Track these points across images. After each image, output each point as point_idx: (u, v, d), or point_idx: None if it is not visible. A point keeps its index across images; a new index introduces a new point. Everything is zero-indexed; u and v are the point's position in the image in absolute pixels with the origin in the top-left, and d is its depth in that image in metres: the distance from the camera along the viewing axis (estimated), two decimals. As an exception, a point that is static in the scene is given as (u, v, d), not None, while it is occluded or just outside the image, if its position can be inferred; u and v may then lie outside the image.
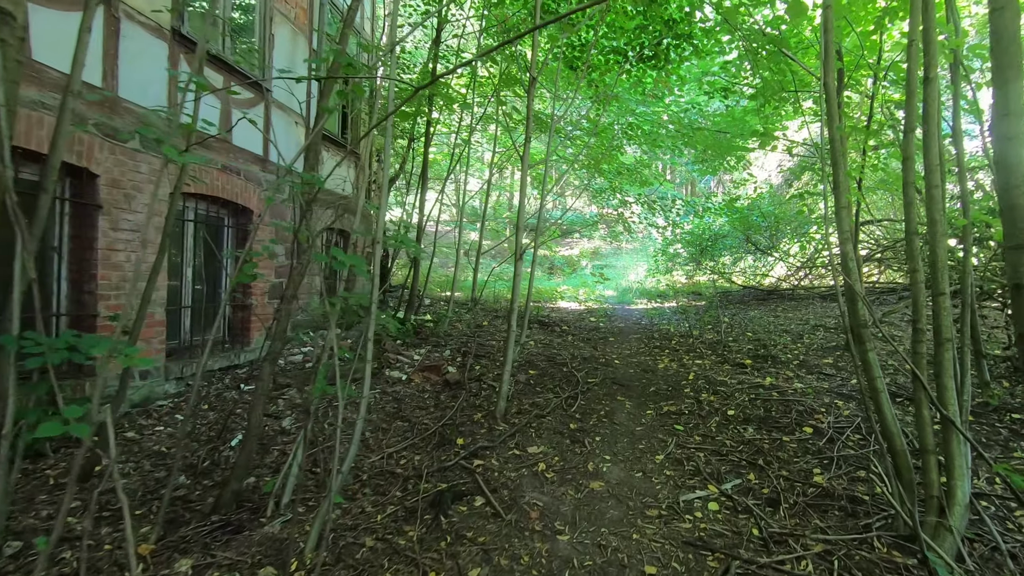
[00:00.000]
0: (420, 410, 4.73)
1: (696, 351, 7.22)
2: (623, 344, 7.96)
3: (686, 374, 5.96)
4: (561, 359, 6.50)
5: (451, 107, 9.05)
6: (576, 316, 10.45)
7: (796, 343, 7.40)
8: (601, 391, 5.35)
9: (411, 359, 6.24)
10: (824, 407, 4.74)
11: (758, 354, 6.78)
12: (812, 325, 8.36)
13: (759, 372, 6.03)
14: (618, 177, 8.60)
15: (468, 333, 7.92)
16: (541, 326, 9.21)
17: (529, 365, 6.18)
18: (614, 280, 14.56)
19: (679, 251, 12.10)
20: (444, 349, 6.83)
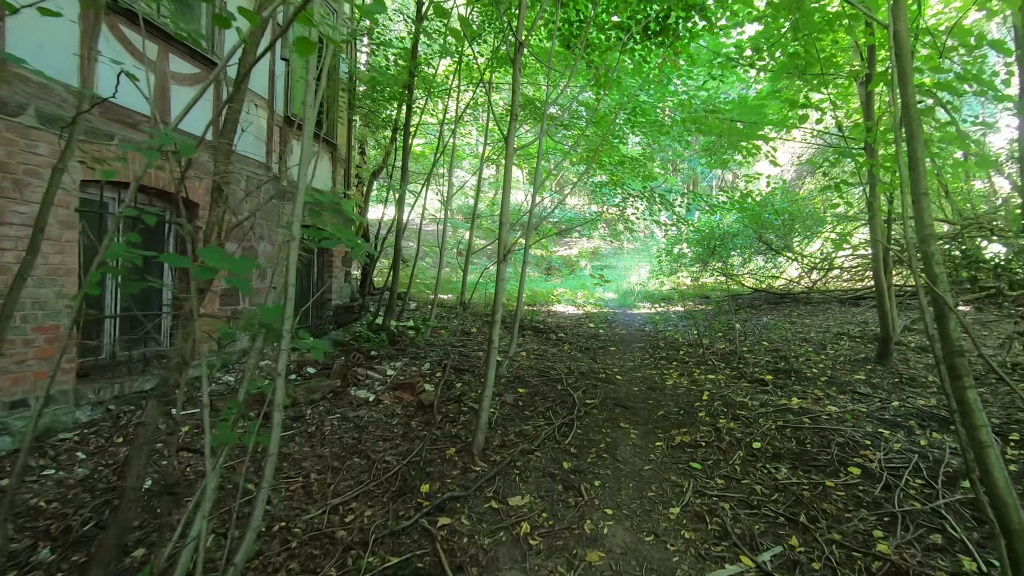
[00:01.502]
0: (384, 442, 3.94)
1: (708, 364, 6.43)
2: (625, 354, 7.17)
3: (699, 393, 5.18)
4: (556, 374, 5.72)
5: (435, 93, 8.26)
6: (574, 321, 9.66)
7: (819, 354, 6.61)
8: (601, 415, 4.57)
9: (383, 375, 5.45)
10: (868, 439, 3.95)
11: (779, 368, 5.99)
12: (834, 333, 7.57)
13: (782, 391, 5.25)
14: (619, 168, 7.81)
15: (452, 342, 7.12)
16: (535, 333, 8.42)
17: (519, 382, 5.39)
18: (615, 282, 13.78)
19: (684, 251, 11.32)
20: (423, 362, 6.04)
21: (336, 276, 8.28)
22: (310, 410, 4.45)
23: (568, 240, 22.13)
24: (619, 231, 18.38)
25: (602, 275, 9.41)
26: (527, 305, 10.88)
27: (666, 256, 12.06)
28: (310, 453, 3.70)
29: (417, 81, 8.23)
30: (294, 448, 3.75)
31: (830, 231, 11.48)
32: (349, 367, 5.45)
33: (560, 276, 17.40)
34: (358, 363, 5.62)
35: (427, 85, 8.40)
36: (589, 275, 10.45)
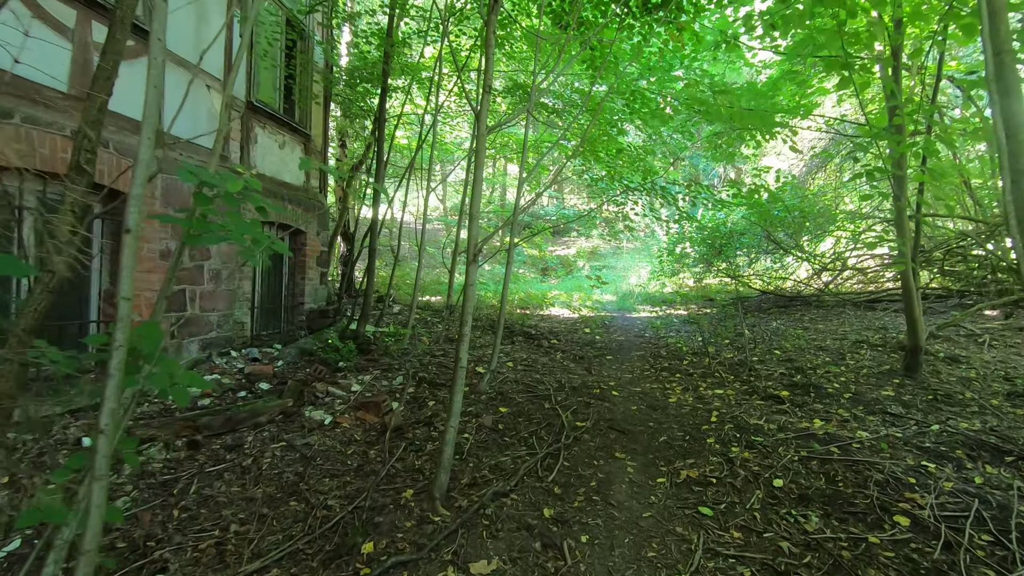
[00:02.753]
0: (332, 479, 3.29)
1: (715, 376, 5.78)
2: (623, 364, 6.51)
3: (707, 413, 4.52)
4: (544, 389, 5.06)
5: (419, 80, 7.62)
6: (569, 326, 9.01)
7: (838, 365, 5.95)
8: (594, 441, 3.91)
9: (347, 391, 4.80)
10: (912, 474, 3.30)
11: (795, 382, 5.34)
12: (852, 341, 6.92)
13: (802, 410, 4.59)
14: (616, 159, 7.16)
15: (433, 351, 6.47)
16: (526, 339, 7.77)
17: (501, 399, 4.74)
18: (613, 283, 13.13)
19: (687, 251, 10.65)
20: (396, 374, 5.39)
21: (310, 277, 7.63)
22: (252, 436, 3.80)
23: (566, 239, 21.48)
24: (618, 230, 17.72)
25: (599, 277, 8.75)
26: (519, 308, 10.23)
27: (667, 256, 11.41)
28: (238, 495, 3.05)
29: (397, 68, 7.60)
30: (220, 488, 3.10)
31: (841, 228, 10.82)
32: (308, 382, 4.80)
33: (557, 277, 16.75)
34: (320, 377, 4.97)
35: (411, 72, 7.76)
36: (586, 276, 9.80)
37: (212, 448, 3.59)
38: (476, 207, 3.20)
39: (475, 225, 3.19)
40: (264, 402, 4.16)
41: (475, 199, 3.20)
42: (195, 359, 5.17)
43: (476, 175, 3.20)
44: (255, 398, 4.51)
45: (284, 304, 7.43)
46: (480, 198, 3.21)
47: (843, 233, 10.31)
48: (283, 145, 6.99)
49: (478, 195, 3.20)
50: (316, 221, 7.75)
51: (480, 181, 3.20)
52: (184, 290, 5.04)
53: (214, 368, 5.13)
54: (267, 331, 7.04)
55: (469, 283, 3.18)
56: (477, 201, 3.20)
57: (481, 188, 3.23)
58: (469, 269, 3.18)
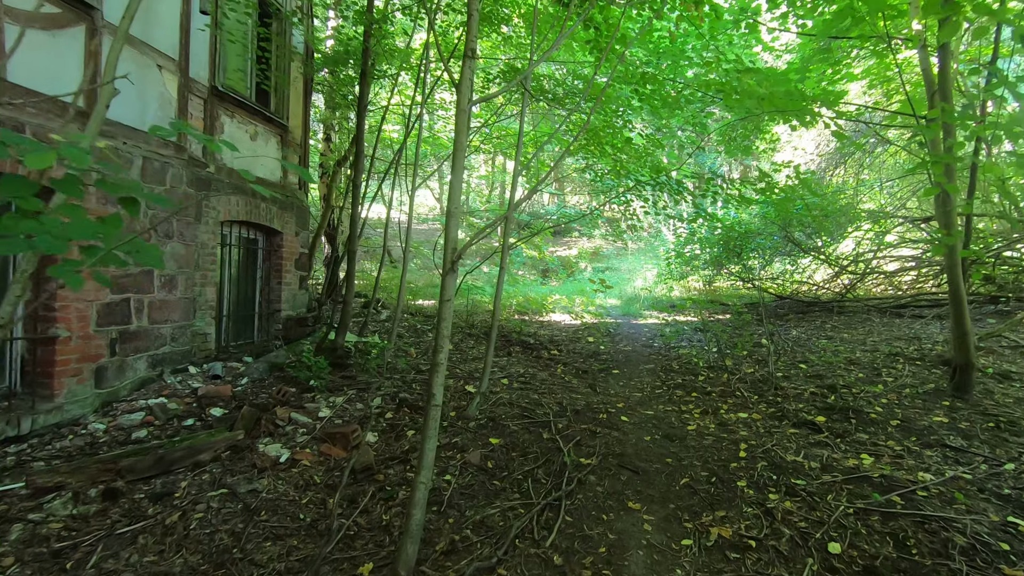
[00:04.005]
0: (275, 542, 2.63)
1: (736, 395, 5.11)
2: (631, 380, 5.85)
3: (733, 445, 3.86)
4: (542, 414, 4.39)
5: (409, 68, 6.96)
6: (570, 335, 8.34)
7: (875, 381, 5.28)
8: (601, 485, 3.25)
9: (314, 417, 4.13)
10: (1002, 535, 2.63)
11: (830, 404, 4.67)
12: (886, 353, 6.24)
13: (844, 441, 3.92)
14: (623, 151, 6.48)
15: (421, 363, 5.81)
16: (524, 350, 7.10)
17: (492, 427, 4.07)
18: (617, 287, 12.46)
19: (697, 252, 9.97)
20: (375, 395, 4.73)
21: (287, 282, 6.97)
22: (188, 480, 3.14)
23: (567, 239, 20.79)
24: (622, 230, 17.02)
25: (603, 280, 8.07)
26: (518, 314, 9.57)
27: (676, 259, 10.74)
28: (151, 568, 2.39)
29: (383, 55, 6.94)
30: (129, 559, 2.44)
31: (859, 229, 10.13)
32: (268, 407, 4.14)
33: (558, 279, 16.08)
34: (283, 400, 4.31)
35: (399, 58, 7.09)
36: (589, 279, 9.13)
37: (134, 498, 2.93)
38: (455, 201, 2.53)
39: (453, 224, 2.52)
40: (209, 435, 3.49)
41: (454, 192, 2.53)
42: (142, 378, 4.51)
43: (455, 162, 2.53)
44: (204, 427, 3.85)
45: (259, 312, 6.77)
46: (460, 191, 2.54)
47: (861, 233, 9.64)
48: (255, 136, 6.33)
49: (457, 187, 2.54)
50: (294, 220, 7.09)
51: (460, 169, 2.53)
52: (128, 299, 4.37)
53: (163, 389, 4.46)
54: (238, 342, 6.39)
55: (444, 298, 2.51)
56: (456, 194, 2.53)
57: (461, 178, 2.57)
58: (445, 281, 2.52)
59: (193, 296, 5.20)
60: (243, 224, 6.37)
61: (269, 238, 6.88)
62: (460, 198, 2.53)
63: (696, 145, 6.84)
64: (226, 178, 5.76)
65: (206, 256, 5.44)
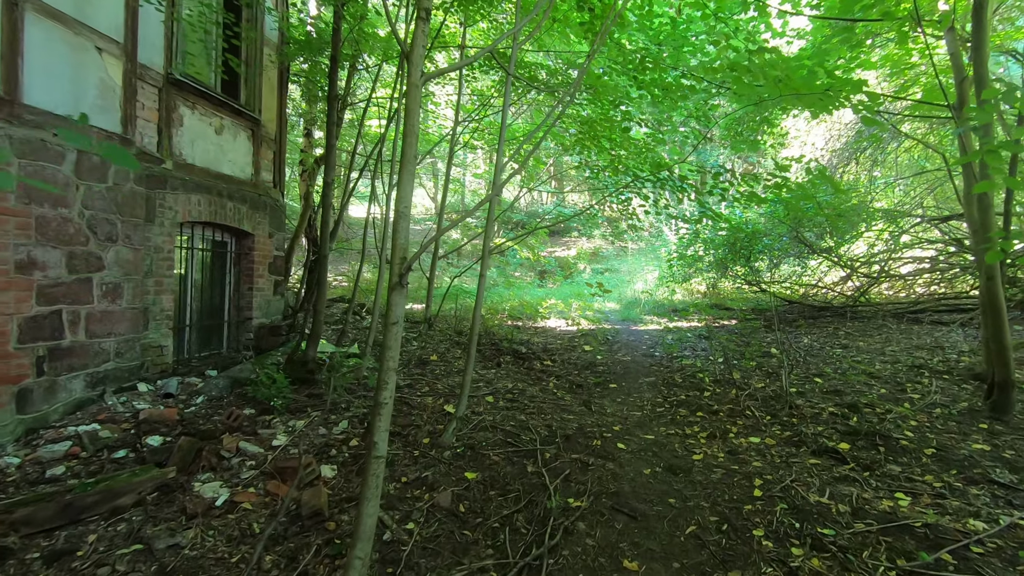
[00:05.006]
0: (184, 621, 2.12)
1: (746, 415, 4.60)
2: (630, 396, 5.34)
3: (745, 480, 3.34)
4: (528, 440, 3.89)
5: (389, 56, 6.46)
6: (566, 342, 7.83)
7: (899, 399, 4.77)
8: (593, 536, 2.74)
9: (267, 446, 3.62)
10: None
11: (852, 427, 4.15)
12: (908, 365, 5.72)
13: (874, 475, 3.41)
14: (622, 146, 5.99)
15: (399, 378, 5.30)
16: (515, 360, 6.59)
17: (470, 457, 3.56)
18: (616, 289, 11.95)
19: (701, 253, 9.45)
20: (341, 417, 4.22)
21: (260, 287, 6.47)
22: (99, 532, 2.63)
23: (565, 239, 20.26)
24: (621, 230, 16.47)
25: (600, 284, 7.58)
26: (510, 320, 9.05)
27: (678, 260, 10.22)
28: (18, 663, 1.89)
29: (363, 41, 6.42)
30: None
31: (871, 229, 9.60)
32: (215, 434, 3.64)
33: (555, 281, 15.55)
34: (234, 425, 3.80)
35: (380, 47, 6.58)
36: (586, 283, 8.63)
37: (25, 559, 2.42)
38: (405, 199, 2.02)
39: (403, 228, 2.02)
40: (132, 475, 2.98)
41: (403, 185, 2.02)
42: (78, 400, 4.00)
43: (406, 149, 2.03)
44: (137, 460, 3.34)
45: (228, 320, 6.27)
46: (411, 183, 2.03)
47: (875, 234, 9.11)
48: (221, 130, 5.82)
49: (408, 182, 2.03)
50: (268, 221, 6.59)
51: (411, 160, 2.02)
52: (60, 312, 3.87)
53: (100, 412, 3.96)
54: (203, 353, 5.89)
55: (390, 320, 2.00)
56: (407, 188, 2.03)
57: (413, 171, 2.06)
58: (391, 298, 2.00)
59: (144, 306, 4.70)
60: (209, 225, 5.87)
61: (239, 240, 6.38)
62: (410, 192, 2.01)
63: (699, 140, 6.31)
64: (186, 175, 5.26)
65: (161, 261, 4.94)
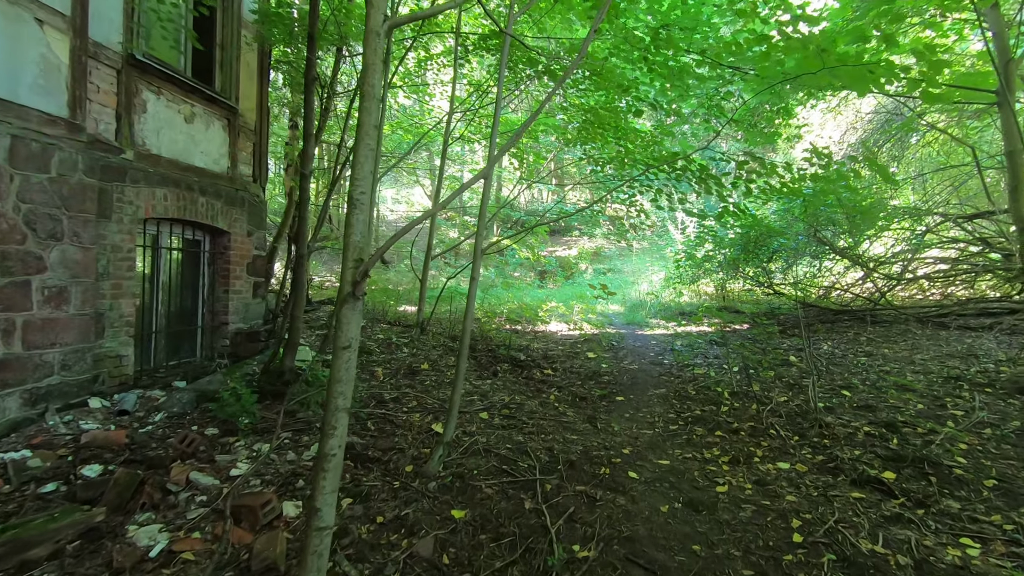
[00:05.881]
0: None
1: (771, 434, 4.11)
2: (639, 410, 4.85)
3: (780, 520, 2.85)
4: (526, 467, 3.40)
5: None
6: (567, 348, 7.34)
7: (940, 415, 4.27)
8: (603, 597, 2.25)
9: (224, 477, 3.13)
10: None
11: (893, 450, 3.66)
12: (943, 376, 5.23)
13: (929, 512, 2.92)
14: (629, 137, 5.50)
15: (385, 389, 4.82)
16: (514, 368, 6.11)
17: (459, 490, 3.07)
18: (621, 291, 11.46)
19: (711, 253, 8.94)
20: (316, 438, 3.72)
21: (237, 289, 5.98)
22: (-2, 596, 2.14)
23: (567, 239, 19.75)
24: (625, 229, 15.97)
25: (604, 286, 7.08)
26: (509, 324, 8.56)
27: (686, 260, 9.73)
28: None
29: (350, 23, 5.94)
30: None
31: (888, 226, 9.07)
32: (165, 462, 3.14)
33: (556, 282, 15.05)
34: (188, 450, 3.30)
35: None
36: (589, 285, 8.14)
37: None
38: (363, 179, 1.53)
39: (360, 219, 1.52)
40: (49, 519, 2.49)
41: (359, 164, 1.53)
42: (13, 420, 3.51)
43: (362, 116, 1.54)
44: (67, 496, 2.85)
45: (202, 325, 5.79)
46: (370, 161, 1.54)
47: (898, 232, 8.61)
48: (192, 118, 5.33)
49: (365, 156, 1.53)
50: (246, 218, 6.10)
51: (368, 129, 1.53)
52: (-12, 320, 3.38)
53: (38, 435, 3.47)
54: (173, 362, 5.41)
55: (340, 344, 1.50)
56: (364, 168, 1.53)
57: (371, 145, 1.56)
58: (341, 313, 1.51)
59: (97, 311, 4.21)
60: (180, 223, 5.39)
61: (214, 239, 5.89)
62: (369, 174, 1.52)
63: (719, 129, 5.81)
64: (150, 167, 4.77)
65: (119, 261, 4.45)
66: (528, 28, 7.25)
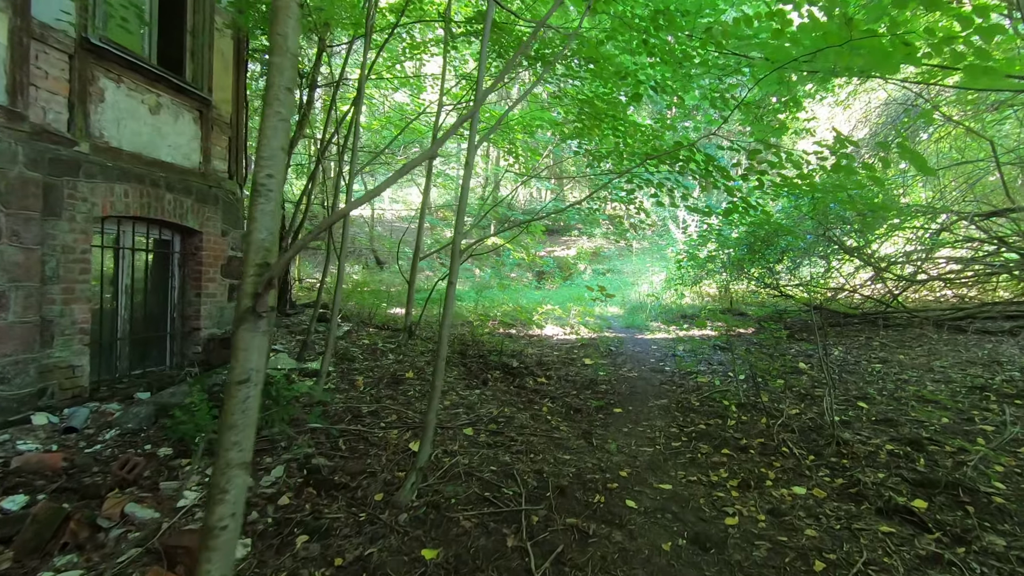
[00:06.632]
0: None
1: (783, 452, 3.73)
2: (639, 424, 4.48)
3: (801, 561, 2.48)
4: (513, 493, 3.03)
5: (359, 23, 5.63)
6: (563, 354, 6.97)
7: (967, 431, 3.90)
8: (594, 666, 1.87)
9: (167, 508, 2.76)
10: None
11: (921, 473, 3.29)
12: (967, 385, 4.85)
13: (970, 550, 2.54)
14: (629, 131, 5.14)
15: (364, 401, 4.45)
16: (505, 376, 5.74)
17: (433, 523, 2.70)
18: (620, 293, 11.09)
19: (714, 253, 8.57)
20: (278, 460, 3.36)
21: (210, 292, 5.62)
22: None
23: (565, 238, 19.37)
24: (624, 228, 15.57)
25: (602, 287, 6.73)
26: (503, 328, 8.19)
27: (688, 261, 9.36)
28: None
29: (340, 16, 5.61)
30: None
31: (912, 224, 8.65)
32: (99, 493, 2.77)
33: (554, 282, 14.68)
34: (128, 477, 2.93)
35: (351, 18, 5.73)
36: (587, 286, 7.77)
37: None
38: (271, 160, 1.16)
39: (266, 209, 1.15)
40: (-58, 568, 2.12)
41: (266, 138, 1.15)
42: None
43: (271, 75, 1.16)
44: (-18, 533, 2.48)
45: (172, 331, 5.43)
46: (280, 136, 1.16)
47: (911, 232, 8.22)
48: (158, 109, 4.97)
49: (276, 128, 1.16)
50: (220, 217, 5.73)
51: (279, 92, 1.15)
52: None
53: None
54: (138, 371, 5.07)
55: (236, 377, 1.13)
56: (272, 143, 1.16)
57: (286, 111, 1.19)
58: (237, 336, 1.14)
59: (44, 318, 3.84)
60: (145, 221, 5.02)
61: (186, 239, 5.52)
62: (281, 156, 1.15)
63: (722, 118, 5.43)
64: (109, 160, 4.41)
65: (71, 263, 4.08)
66: (522, 14, 6.87)
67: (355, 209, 4.66)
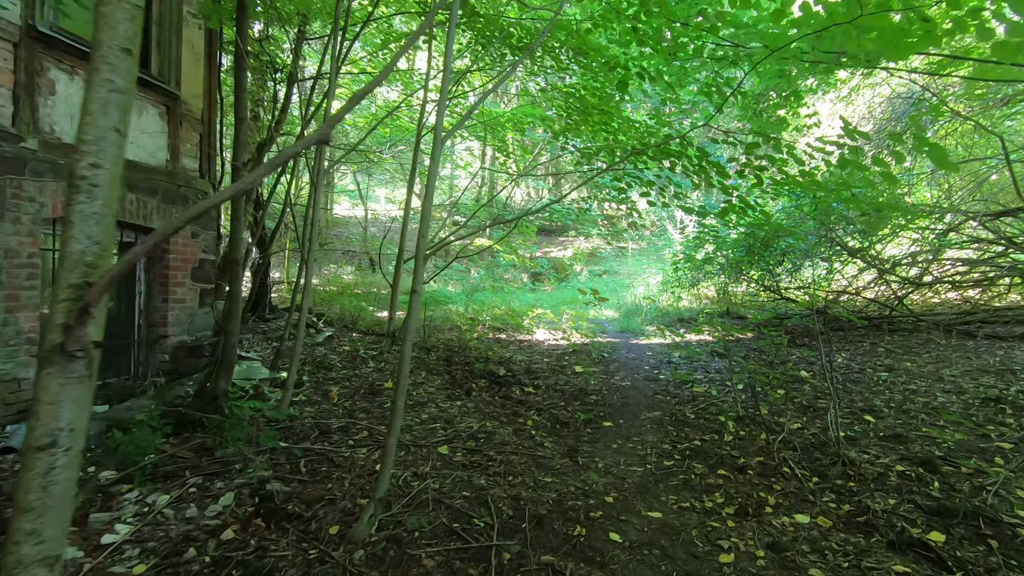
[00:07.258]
0: None
1: (784, 474, 3.44)
2: (629, 440, 4.18)
3: (805, 609, 2.18)
4: (484, 524, 2.73)
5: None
6: (553, 361, 6.67)
7: (983, 448, 3.60)
8: None
9: (92, 546, 2.46)
10: None
11: (936, 499, 2.99)
12: (979, 397, 4.55)
13: (999, 596, 2.24)
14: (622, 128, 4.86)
15: (331, 420, 4.15)
16: (491, 385, 5.44)
17: (391, 562, 2.41)
18: (615, 295, 10.79)
19: (712, 254, 8.28)
20: (229, 486, 3.06)
21: (179, 297, 5.33)
22: None
23: (562, 239, 19.08)
24: (620, 228, 15.29)
25: (595, 291, 6.44)
26: (493, 333, 7.89)
27: (685, 262, 9.07)
28: None
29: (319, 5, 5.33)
30: None
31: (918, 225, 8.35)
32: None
33: (549, 284, 14.39)
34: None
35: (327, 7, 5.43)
36: (579, 290, 7.47)
37: None
38: (97, 143, 0.85)
39: (88, 212, 0.84)
40: None
41: (91, 113, 0.84)
42: None
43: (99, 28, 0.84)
44: None
45: (137, 338, 5.13)
46: (111, 116, 0.86)
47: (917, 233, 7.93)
48: (118, 103, 4.66)
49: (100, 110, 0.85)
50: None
51: (105, 57, 0.84)
52: None
53: None
54: (109, 379, 4.77)
55: (33, 443, 0.81)
56: (98, 127, 0.85)
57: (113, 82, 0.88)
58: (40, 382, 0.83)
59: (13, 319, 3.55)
60: (106, 223, 4.71)
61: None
62: (112, 140, 0.86)
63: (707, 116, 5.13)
64: (60, 157, 4.11)
65: (17, 268, 3.79)
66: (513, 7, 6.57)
67: (263, 177, 4.33)
